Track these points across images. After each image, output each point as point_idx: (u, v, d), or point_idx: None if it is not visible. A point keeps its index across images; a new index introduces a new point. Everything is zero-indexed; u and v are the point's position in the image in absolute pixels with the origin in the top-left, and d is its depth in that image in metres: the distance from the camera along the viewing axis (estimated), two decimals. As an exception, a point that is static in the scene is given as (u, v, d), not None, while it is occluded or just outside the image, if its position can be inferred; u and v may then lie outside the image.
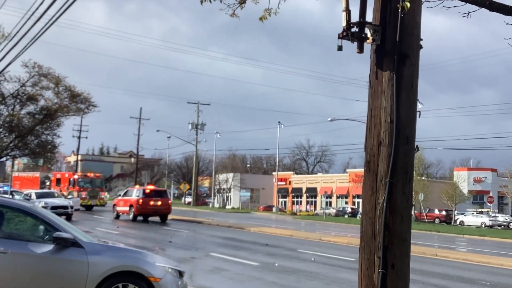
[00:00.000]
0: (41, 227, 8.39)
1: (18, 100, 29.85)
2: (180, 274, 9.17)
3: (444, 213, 70.91)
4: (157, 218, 38.43)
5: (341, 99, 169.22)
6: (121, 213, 39.28)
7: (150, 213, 37.71)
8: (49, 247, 8.05)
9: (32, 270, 7.93)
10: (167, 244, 23.04)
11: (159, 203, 37.43)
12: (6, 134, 30.46)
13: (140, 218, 37.90)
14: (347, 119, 57.93)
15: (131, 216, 37.38)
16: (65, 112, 30.09)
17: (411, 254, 5.19)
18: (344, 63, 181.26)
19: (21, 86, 29.53)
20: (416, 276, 15.18)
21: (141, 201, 36.97)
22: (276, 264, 17.44)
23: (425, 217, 68.72)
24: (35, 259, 7.96)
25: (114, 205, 40.95)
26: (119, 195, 43.65)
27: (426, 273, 17.17)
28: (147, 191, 38.53)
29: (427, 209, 71.19)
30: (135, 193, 38.42)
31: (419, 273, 16.42)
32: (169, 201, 39.20)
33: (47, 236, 8.23)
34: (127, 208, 38.26)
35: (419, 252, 22.54)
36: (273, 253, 21.06)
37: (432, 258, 22.34)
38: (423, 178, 76.01)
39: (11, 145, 30.85)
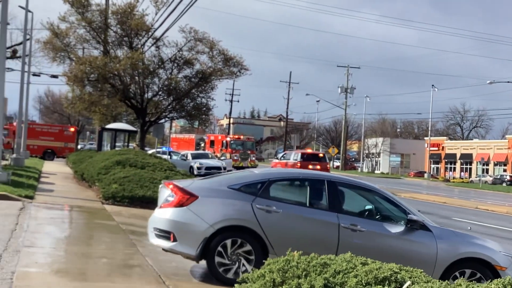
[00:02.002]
0: (393, 208, 8.54)
1: (175, 64, 31.15)
2: None
3: None
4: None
5: (502, 60, 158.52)
6: None
7: None
8: (401, 228, 8.21)
9: (386, 248, 8.07)
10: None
11: (318, 167, 36.26)
12: (165, 97, 31.98)
13: None
14: (508, 82, 54.08)
15: None
16: (218, 76, 30.89)
17: None
18: (504, 22, 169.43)
19: (178, 51, 30.79)
20: None
21: (299, 164, 36.27)
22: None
23: None
24: (390, 239, 8.13)
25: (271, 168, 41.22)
26: (277, 158, 43.69)
27: None
28: (305, 154, 37.94)
29: None
30: (293, 157, 37.94)
31: None
32: (328, 166, 38.17)
33: (399, 218, 8.37)
34: None
35: None
36: (426, 220, 20.30)
37: None
38: None
39: (169, 107, 32.37)
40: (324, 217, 8.07)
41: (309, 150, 42.51)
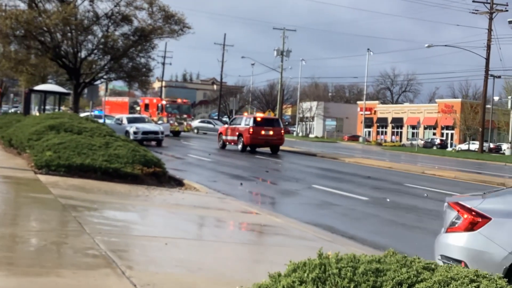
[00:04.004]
0: None
1: (112, 21, 28.99)
2: None
3: (543, 147, 66.85)
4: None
5: (429, 23, 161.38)
6: (228, 143, 36.28)
7: (262, 143, 34.56)
8: None
9: None
10: (264, 174, 22.10)
11: (271, 132, 34.22)
12: (101, 56, 29.86)
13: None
14: (446, 45, 54.40)
15: (239, 146, 34.38)
16: (159, 34, 28.96)
17: None
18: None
19: (115, 6, 28.63)
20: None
21: (251, 130, 33.59)
22: (388, 200, 16.05)
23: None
24: None
25: (220, 133, 37.72)
26: (226, 123, 41.13)
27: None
28: (258, 119, 35.32)
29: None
30: (244, 121, 35.05)
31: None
32: (282, 131, 35.67)
33: None
34: (235, 138, 35.09)
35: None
36: (379, 186, 19.66)
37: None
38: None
39: (105, 67, 30.24)
40: None
41: (260, 114, 40.28)
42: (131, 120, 36.46)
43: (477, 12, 57.30)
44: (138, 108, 58.16)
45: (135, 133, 33.76)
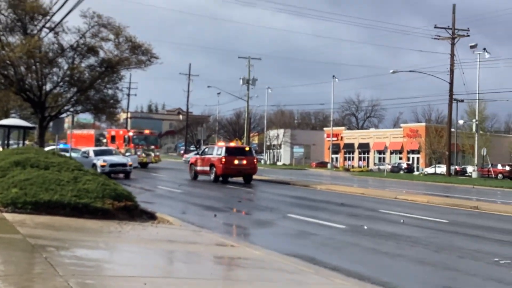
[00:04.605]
0: None
1: (77, 52, 28.48)
2: None
3: (507, 168, 67.91)
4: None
5: (392, 49, 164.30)
6: (199, 173, 35.56)
7: (235, 173, 34.02)
8: None
9: None
10: (237, 204, 21.71)
11: (244, 162, 33.61)
12: (67, 89, 29.25)
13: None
14: (410, 71, 55.11)
15: (212, 176, 33.77)
16: (126, 65, 28.53)
17: None
18: (392, 14, 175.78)
19: (80, 38, 28.14)
20: None
21: (224, 159, 33.00)
22: (365, 227, 15.81)
23: (492, 173, 65.81)
24: None
25: (191, 164, 36.98)
26: (197, 153, 40.29)
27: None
28: (231, 148, 34.72)
29: (490, 164, 68.20)
30: (216, 151, 34.21)
31: None
32: (255, 160, 34.99)
33: None
34: (207, 168, 34.38)
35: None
36: (355, 214, 19.45)
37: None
38: (481, 132, 72.50)
39: (72, 100, 29.62)
40: None
41: (232, 144, 39.57)
42: (98, 153, 35.73)
43: (439, 38, 58.37)
44: (104, 140, 57.30)
45: (102, 166, 33.10)
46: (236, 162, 33.37)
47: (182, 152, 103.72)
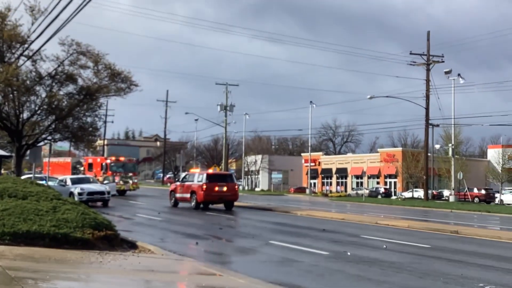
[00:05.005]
0: None
1: (56, 80, 28.24)
2: None
3: (483, 192, 68.62)
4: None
5: (368, 75, 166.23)
6: (180, 201, 35.29)
7: (215, 200, 33.68)
8: None
9: None
10: (218, 231, 21.50)
11: (225, 188, 33.40)
12: (44, 117, 28.91)
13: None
14: (387, 96, 55.65)
15: (193, 204, 33.52)
16: (105, 92, 28.34)
17: None
18: (368, 41, 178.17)
19: (58, 65, 27.92)
20: None
21: (204, 186, 32.75)
22: (349, 253, 15.74)
23: (469, 197, 66.45)
24: None
25: (172, 191, 36.66)
26: (177, 180, 39.78)
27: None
28: (211, 175, 34.47)
29: (466, 188, 68.87)
30: (197, 178, 33.91)
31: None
32: (236, 186, 34.81)
33: None
34: (187, 195, 34.12)
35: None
36: (337, 239, 19.37)
37: None
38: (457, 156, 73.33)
39: (50, 128, 29.26)
40: None
41: (210, 171, 39.20)
42: (75, 181, 35.27)
43: (414, 64, 59.15)
44: (81, 168, 56.64)
45: (80, 194, 32.70)
46: (217, 188, 33.13)
47: (167, 178, 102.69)
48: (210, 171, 38.81)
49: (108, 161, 51.97)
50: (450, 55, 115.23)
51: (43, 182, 29.07)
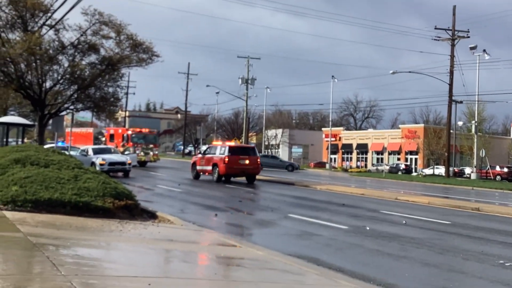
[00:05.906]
0: None
1: (78, 50, 28.30)
2: None
3: (506, 170, 67.91)
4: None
5: (391, 50, 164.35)
6: (202, 173, 35.03)
7: (237, 173, 33.39)
8: None
9: None
10: (237, 204, 21.56)
11: (247, 161, 33.02)
12: (67, 87, 29.06)
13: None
14: (410, 72, 55.01)
15: (215, 176, 33.12)
16: (127, 63, 28.36)
17: None
18: (393, 15, 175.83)
19: (81, 35, 27.97)
20: None
21: (227, 159, 32.39)
22: (368, 228, 15.70)
23: (491, 175, 65.81)
24: None
25: (194, 163, 36.18)
26: (199, 153, 39.70)
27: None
28: (234, 148, 34.22)
29: (489, 166, 68.18)
30: (219, 150, 33.63)
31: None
32: (258, 160, 34.45)
33: None
34: (209, 168, 33.81)
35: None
36: (356, 214, 19.34)
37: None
38: (479, 134, 72.36)
39: (72, 98, 29.44)
40: None
41: (232, 143, 39.00)
42: (97, 151, 35.56)
43: (439, 39, 58.26)
44: (103, 139, 57.05)
45: (101, 164, 32.93)
46: (239, 161, 32.98)
47: (195, 150, 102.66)
48: (233, 143, 38.64)
49: (130, 132, 52.24)
50: (475, 31, 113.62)
51: (66, 151, 29.35)
